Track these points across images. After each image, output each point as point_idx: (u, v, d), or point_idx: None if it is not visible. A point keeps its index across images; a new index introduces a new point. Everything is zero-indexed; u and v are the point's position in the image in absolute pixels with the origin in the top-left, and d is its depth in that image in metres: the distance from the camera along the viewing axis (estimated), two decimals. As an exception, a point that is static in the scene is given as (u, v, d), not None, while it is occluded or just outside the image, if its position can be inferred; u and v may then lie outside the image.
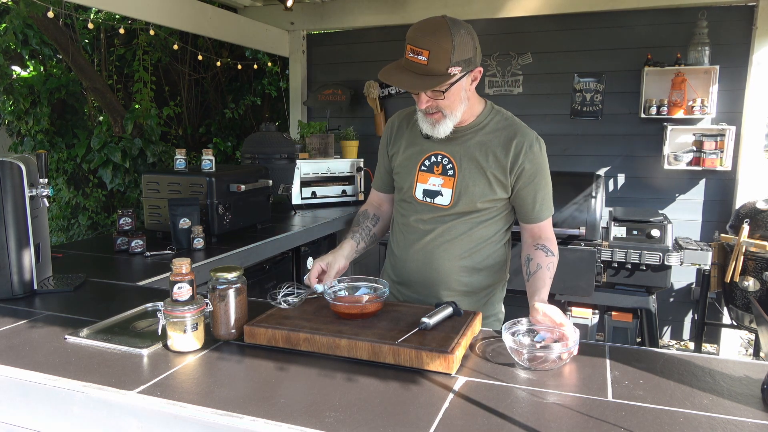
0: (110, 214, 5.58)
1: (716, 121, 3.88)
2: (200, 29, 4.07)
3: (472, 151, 1.61)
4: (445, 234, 1.65)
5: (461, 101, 1.55)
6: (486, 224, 1.67)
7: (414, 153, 1.68)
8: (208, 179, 2.65)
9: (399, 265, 1.75)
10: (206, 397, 1.10)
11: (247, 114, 6.17)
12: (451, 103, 1.52)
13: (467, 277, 1.70)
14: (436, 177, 1.64)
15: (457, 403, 1.08)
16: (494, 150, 1.60)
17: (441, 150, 1.64)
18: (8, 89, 5.36)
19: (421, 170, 1.66)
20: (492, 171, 1.60)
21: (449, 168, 1.62)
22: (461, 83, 1.51)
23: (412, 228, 1.70)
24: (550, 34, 4.26)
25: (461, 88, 1.52)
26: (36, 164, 1.82)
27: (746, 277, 3.08)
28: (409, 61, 1.45)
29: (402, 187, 1.72)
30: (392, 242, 1.81)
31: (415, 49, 1.43)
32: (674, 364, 1.27)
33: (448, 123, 1.56)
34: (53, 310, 1.64)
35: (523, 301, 1.56)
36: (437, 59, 1.42)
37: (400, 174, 1.72)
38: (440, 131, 1.57)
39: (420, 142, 1.68)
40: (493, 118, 1.65)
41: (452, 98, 1.51)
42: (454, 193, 1.62)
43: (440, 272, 1.68)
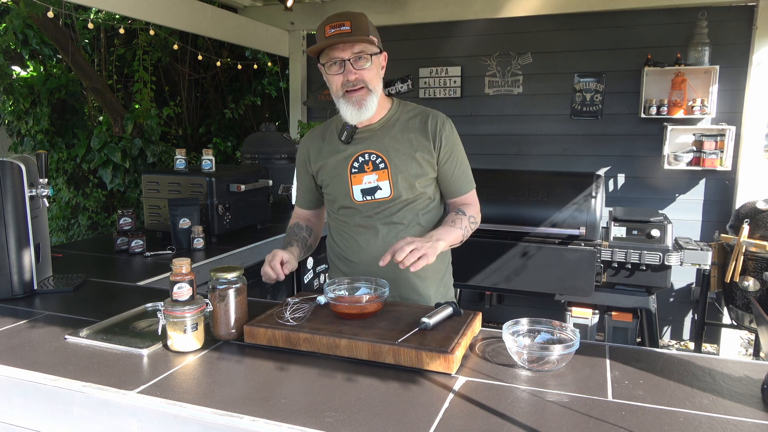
0: (110, 214, 5.58)
1: (716, 121, 3.88)
2: (200, 29, 4.07)
3: (396, 140, 1.68)
4: (397, 224, 1.69)
5: (379, 79, 1.66)
6: (428, 210, 1.73)
7: (339, 160, 1.71)
8: (208, 179, 2.65)
9: (359, 269, 1.74)
10: (206, 397, 1.10)
11: (247, 114, 6.17)
12: (373, 77, 1.62)
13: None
14: (370, 174, 1.67)
15: (457, 403, 1.08)
16: (414, 134, 1.68)
17: (365, 149, 1.68)
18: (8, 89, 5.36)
19: (352, 173, 1.69)
20: (419, 153, 1.67)
21: (379, 162, 1.67)
22: (379, 59, 1.64)
23: (361, 229, 1.72)
24: (550, 34, 4.26)
25: (379, 64, 1.65)
26: (36, 164, 1.82)
27: (746, 277, 3.08)
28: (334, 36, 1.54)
29: (336, 196, 1.73)
30: (340, 252, 1.80)
31: (335, 24, 1.55)
32: (674, 364, 1.27)
33: (373, 100, 1.63)
34: (53, 310, 1.64)
35: (523, 301, 1.56)
36: (358, 27, 1.56)
37: (330, 185, 1.74)
38: (366, 110, 1.62)
39: (341, 149, 1.71)
40: (404, 109, 1.74)
41: (375, 71, 1.63)
42: (391, 182, 1.66)
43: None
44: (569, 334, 1.29)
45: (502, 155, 4.46)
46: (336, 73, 1.59)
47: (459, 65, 4.48)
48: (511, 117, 4.43)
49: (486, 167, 3.97)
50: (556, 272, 3.36)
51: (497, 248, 3.41)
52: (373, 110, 1.64)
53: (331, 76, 1.61)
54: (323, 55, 1.62)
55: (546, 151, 4.37)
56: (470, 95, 4.52)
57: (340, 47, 1.56)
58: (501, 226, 3.40)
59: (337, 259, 1.83)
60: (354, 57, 1.57)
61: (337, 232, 1.80)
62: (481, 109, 4.49)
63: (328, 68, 1.60)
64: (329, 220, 1.85)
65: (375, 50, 1.60)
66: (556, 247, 3.36)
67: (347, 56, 1.57)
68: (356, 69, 1.58)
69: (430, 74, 4.56)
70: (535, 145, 4.39)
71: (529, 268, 3.41)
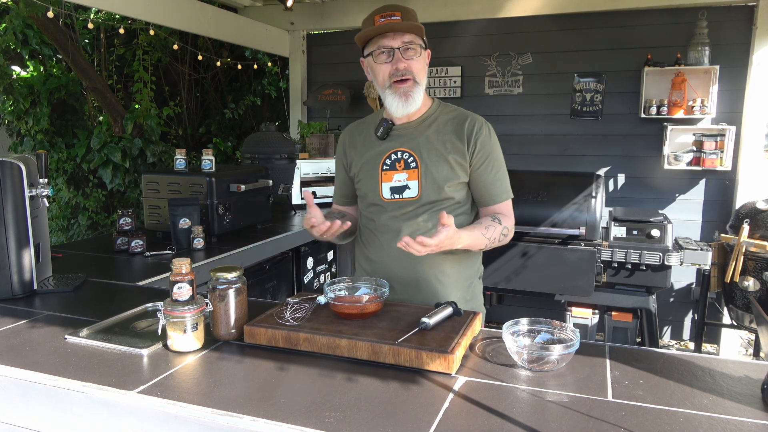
0: (110, 214, 5.57)
1: (716, 121, 3.88)
2: (200, 29, 4.07)
3: (430, 140, 1.65)
4: (422, 226, 1.66)
5: (425, 73, 1.64)
6: (457, 215, 1.68)
7: (372, 156, 1.69)
8: (208, 179, 2.65)
9: (380, 269, 1.73)
10: (206, 397, 1.10)
11: (247, 114, 6.17)
12: (421, 69, 1.61)
13: (449, 268, 1.70)
14: (400, 172, 1.65)
15: (457, 403, 1.08)
16: (450, 136, 1.65)
17: (399, 147, 1.67)
18: (8, 89, 5.36)
19: (383, 170, 1.67)
20: (452, 156, 1.64)
21: (411, 161, 1.65)
22: (426, 54, 1.63)
23: (386, 228, 1.70)
24: (550, 34, 4.26)
25: (425, 58, 1.64)
26: (36, 164, 1.82)
27: (746, 277, 3.08)
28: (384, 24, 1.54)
29: (366, 192, 1.72)
30: (365, 251, 1.79)
31: (385, 14, 1.54)
32: (674, 364, 1.27)
33: (418, 93, 1.61)
34: (53, 310, 1.64)
35: (524, 301, 1.56)
36: (409, 18, 1.55)
37: (362, 180, 1.72)
38: (412, 102, 1.61)
39: (376, 145, 1.70)
40: (444, 109, 1.72)
41: (423, 63, 1.62)
42: (420, 183, 1.64)
43: (424, 264, 1.67)
44: (569, 334, 1.29)
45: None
46: (384, 62, 1.58)
47: (459, 65, 4.48)
48: (511, 117, 4.43)
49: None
50: (556, 272, 3.36)
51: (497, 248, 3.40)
52: (419, 103, 1.62)
53: (378, 65, 1.59)
54: (371, 44, 1.60)
55: (546, 151, 4.37)
56: (470, 95, 4.52)
57: (390, 35, 1.55)
58: (501, 226, 3.39)
59: (362, 257, 1.81)
60: (404, 46, 1.56)
61: (365, 229, 1.78)
62: (481, 109, 4.44)
63: (376, 57, 1.58)
64: (360, 218, 1.82)
65: (423, 43, 1.60)
66: (556, 247, 3.36)
67: (397, 45, 1.55)
68: (405, 58, 1.57)
69: (430, 74, 4.56)
70: (535, 145, 4.39)
71: (529, 268, 3.41)
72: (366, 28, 1.58)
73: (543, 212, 3.39)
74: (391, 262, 1.69)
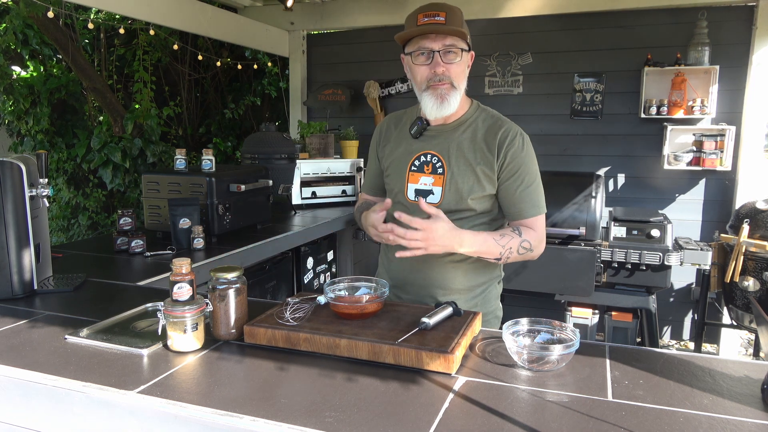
0: (110, 214, 5.58)
1: (716, 121, 3.88)
2: (200, 29, 4.07)
3: (461, 147, 1.62)
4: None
5: (465, 77, 1.60)
6: (473, 225, 1.64)
7: (403, 154, 1.68)
8: (208, 179, 2.65)
9: (394, 268, 1.74)
10: (206, 397, 1.10)
11: (247, 114, 6.17)
12: (460, 73, 1.57)
13: (462, 275, 1.69)
14: (427, 176, 1.64)
15: (457, 403, 1.08)
16: (481, 145, 1.62)
17: (430, 149, 1.65)
18: (8, 89, 5.36)
19: (411, 170, 1.65)
20: (480, 167, 1.61)
21: (439, 166, 1.63)
22: (467, 56, 1.58)
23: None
24: (550, 34, 4.26)
25: (466, 62, 1.59)
26: (36, 164, 1.82)
27: (746, 277, 3.08)
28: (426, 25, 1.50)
29: (393, 188, 1.71)
30: (385, 246, 1.78)
31: (430, 13, 1.49)
32: (674, 364, 1.27)
33: (455, 97, 1.58)
34: (53, 310, 1.64)
35: (524, 301, 1.56)
36: (453, 19, 1.51)
37: (391, 176, 1.71)
38: (448, 106, 1.57)
39: (408, 143, 1.68)
40: (480, 115, 1.68)
41: (462, 67, 1.58)
42: (443, 190, 1.62)
43: (435, 270, 1.67)
44: (569, 334, 1.29)
45: (502, 155, 4.45)
46: (423, 63, 1.55)
47: (459, 65, 4.48)
48: (511, 117, 4.36)
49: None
50: (556, 272, 3.36)
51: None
52: (455, 107, 1.59)
53: (416, 66, 1.57)
54: (411, 44, 1.57)
55: (546, 151, 4.36)
56: (470, 95, 4.46)
57: (432, 37, 1.52)
58: (501, 226, 3.39)
59: (384, 255, 1.80)
60: (444, 49, 1.53)
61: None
62: (481, 109, 4.49)
63: (415, 58, 1.56)
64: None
65: (465, 46, 1.56)
66: (556, 247, 3.36)
67: (437, 47, 1.52)
68: (444, 62, 1.54)
69: (430, 74, 4.55)
70: (535, 145, 4.34)
71: (529, 268, 3.41)
72: (408, 26, 1.54)
73: (543, 212, 3.38)
74: (406, 264, 1.69)
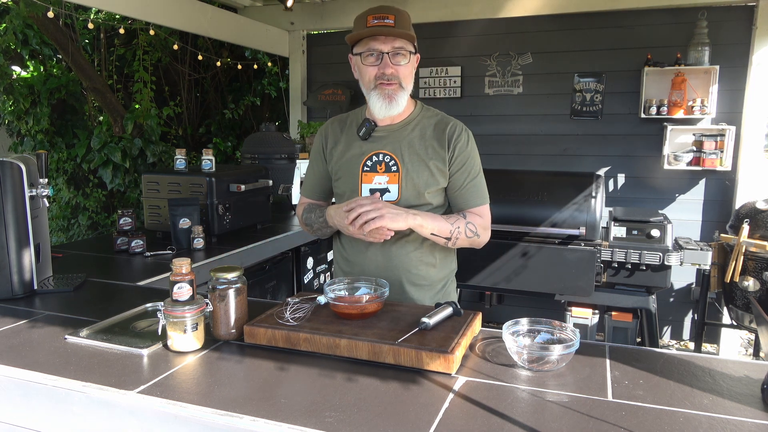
0: (110, 214, 5.57)
1: (716, 121, 3.88)
2: (200, 29, 4.07)
3: (413, 144, 1.65)
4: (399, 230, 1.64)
5: (411, 78, 1.64)
6: None
7: (354, 155, 1.69)
8: (208, 179, 2.65)
9: (357, 270, 1.72)
10: (206, 397, 1.10)
11: (247, 114, 6.17)
12: (408, 75, 1.61)
13: (425, 270, 1.71)
14: (381, 175, 1.65)
15: (457, 403, 1.08)
16: (431, 142, 1.66)
17: (381, 149, 1.66)
18: (8, 89, 5.36)
19: (364, 171, 1.66)
20: (433, 162, 1.64)
21: (392, 165, 1.65)
22: (413, 59, 1.63)
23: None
24: (550, 34, 4.26)
25: (413, 64, 1.63)
26: (36, 164, 1.82)
27: (746, 277, 3.08)
28: (375, 27, 1.53)
29: (344, 191, 1.71)
30: (343, 252, 1.78)
31: (379, 15, 1.53)
32: (674, 364, 1.27)
33: (402, 97, 1.61)
34: (53, 310, 1.64)
35: (524, 301, 1.56)
36: (402, 22, 1.54)
37: (341, 178, 1.71)
38: (396, 105, 1.60)
39: (358, 144, 1.69)
40: (426, 113, 1.72)
41: (410, 69, 1.62)
42: (400, 187, 1.64)
43: (400, 268, 1.68)
44: (569, 334, 1.29)
45: (502, 155, 4.46)
46: (372, 64, 1.58)
47: (459, 65, 4.48)
48: (511, 117, 4.43)
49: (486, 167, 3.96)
50: (556, 272, 3.36)
51: (497, 248, 3.41)
52: (402, 107, 1.63)
53: (365, 67, 1.60)
54: (360, 45, 1.60)
55: (546, 151, 4.37)
56: (470, 95, 4.52)
57: (381, 39, 1.55)
58: (501, 226, 3.40)
59: (340, 257, 1.81)
60: (393, 51, 1.56)
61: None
62: (481, 109, 4.49)
63: (364, 59, 1.59)
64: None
65: (413, 49, 1.61)
66: (556, 247, 3.36)
67: (386, 49, 1.56)
68: (393, 63, 1.57)
69: (430, 74, 4.56)
70: (535, 145, 4.39)
71: (529, 268, 3.41)
72: (358, 29, 1.58)
73: (543, 212, 3.39)
74: (368, 264, 1.70)
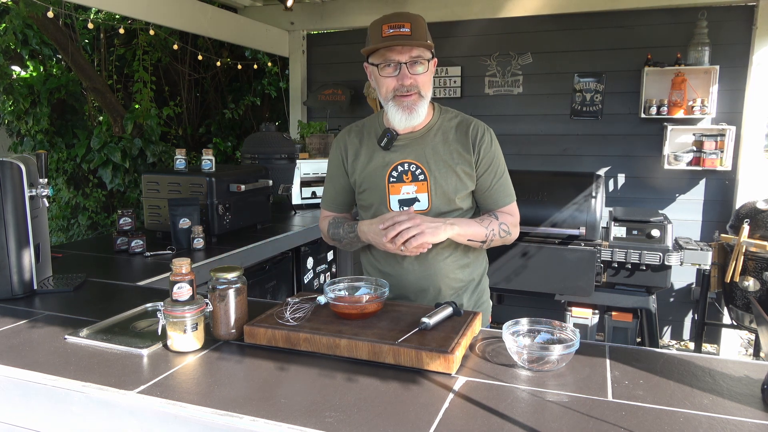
0: (110, 214, 5.57)
1: (716, 121, 3.88)
2: (200, 29, 4.07)
3: (437, 151, 1.63)
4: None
5: (431, 85, 1.61)
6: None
7: (377, 167, 1.65)
8: (208, 179, 2.65)
9: (394, 282, 1.70)
10: (206, 397, 1.10)
11: (247, 114, 6.17)
12: (427, 82, 1.58)
13: (461, 273, 1.72)
14: (409, 185, 1.62)
15: (457, 403, 1.08)
16: (456, 146, 1.64)
17: (406, 158, 1.63)
18: (8, 89, 5.36)
19: (390, 182, 1.63)
20: (460, 166, 1.62)
21: (419, 173, 1.62)
22: (432, 65, 1.59)
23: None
24: (550, 34, 4.26)
25: (432, 70, 1.60)
26: (36, 164, 1.82)
27: (746, 277, 3.08)
28: (391, 37, 1.49)
29: (371, 203, 1.68)
30: (377, 264, 1.75)
31: (394, 24, 1.49)
32: (674, 364, 1.27)
33: (422, 106, 1.58)
34: (53, 310, 1.64)
35: (523, 301, 1.56)
36: (418, 31, 1.50)
37: (367, 191, 1.68)
38: (416, 116, 1.58)
39: (381, 155, 1.65)
40: (445, 116, 1.69)
41: (428, 76, 1.58)
42: (430, 195, 1.62)
43: (439, 275, 1.68)
44: (569, 334, 1.29)
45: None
46: (389, 75, 1.54)
47: (459, 65, 4.48)
48: (511, 117, 4.43)
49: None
50: (556, 272, 3.36)
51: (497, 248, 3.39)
52: (423, 117, 1.59)
53: (383, 78, 1.55)
54: (377, 56, 1.55)
55: (546, 151, 4.37)
56: (470, 95, 4.52)
57: (398, 49, 1.50)
58: (501, 226, 3.39)
59: (372, 269, 1.77)
60: (411, 61, 1.52)
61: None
62: (481, 109, 4.49)
63: (381, 69, 1.54)
64: None
65: (430, 55, 1.56)
66: (556, 247, 3.36)
67: (404, 59, 1.51)
68: (412, 74, 1.53)
69: (430, 74, 4.56)
70: (535, 145, 4.39)
71: (529, 268, 3.41)
72: (373, 37, 1.53)
73: (543, 212, 3.39)
74: (406, 274, 1.69)
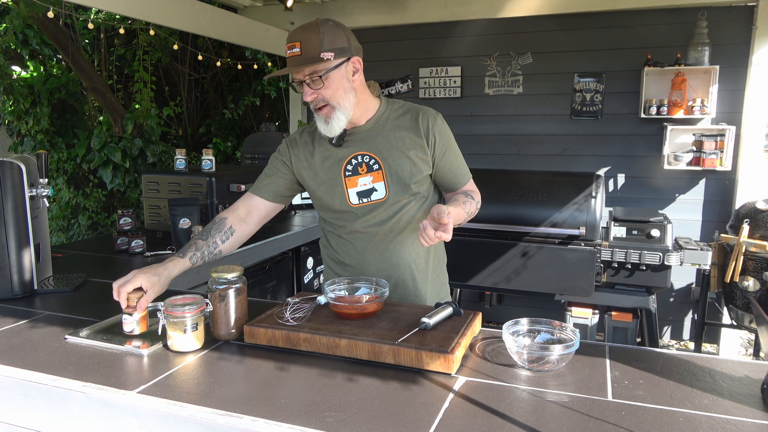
0: (110, 214, 5.57)
1: (716, 121, 3.88)
2: (200, 29, 4.07)
3: (388, 139, 1.65)
4: (394, 226, 1.67)
5: (345, 91, 1.58)
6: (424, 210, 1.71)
7: (332, 163, 1.67)
8: (208, 179, 2.65)
9: (355, 273, 1.72)
10: (206, 397, 1.10)
11: (247, 114, 6.17)
12: (335, 92, 1.56)
13: (423, 262, 1.74)
14: (364, 176, 1.65)
15: (457, 403, 1.08)
16: (406, 133, 1.66)
17: (358, 151, 1.66)
18: (8, 89, 5.35)
19: (346, 176, 1.66)
20: (412, 151, 1.64)
21: (373, 164, 1.65)
22: (340, 71, 1.56)
23: (359, 234, 1.69)
24: (550, 34, 4.26)
25: (341, 76, 1.56)
26: (36, 164, 1.82)
27: (746, 277, 3.08)
28: (289, 58, 1.54)
29: (331, 201, 1.69)
30: (336, 256, 1.77)
31: (289, 45, 1.53)
32: (674, 364, 1.27)
33: (340, 116, 1.58)
34: (53, 310, 1.64)
35: (523, 301, 1.56)
36: (308, 48, 1.50)
37: (323, 189, 1.69)
38: (334, 126, 1.58)
39: (333, 152, 1.68)
40: (393, 107, 1.71)
41: (335, 86, 1.55)
42: (386, 183, 1.64)
43: (401, 264, 1.69)
44: (569, 334, 1.30)
45: (501, 155, 4.46)
46: (302, 91, 1.58)
47: (459, 65, 4.48)
48: (511, 117, 4.43)
49: (486, 167, 3.97)
50: (556, 272, 3.36)
51: (497, 248, 3.41)
52: (344, 123, 1.60)
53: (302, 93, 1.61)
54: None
55: (546, 151, 4.37)
56: (470, 95, 4.52)
57: (295, 69, 1.53)
58: (501, 226, 3.40)
59: (332, 262, 1.80)
60: (308, 78, 1.54)
61: (332, 236, 1.77)
62: (481, 109, 4.49)
63: (297, 86, 1.59)
64: (321, 224, 1.81)
65: (330, 66, 1.53)
66: (556, 247, 3.36)
67: (302, 78, 1.54)
68: (313, 89, 1.55)
69: (430, 74, 4.56)
70: (535, 145, 4.39)
71: (529, 268, 3.41)
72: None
73: (543, 212, 3.39)
74: (367, 266, 1.70)
